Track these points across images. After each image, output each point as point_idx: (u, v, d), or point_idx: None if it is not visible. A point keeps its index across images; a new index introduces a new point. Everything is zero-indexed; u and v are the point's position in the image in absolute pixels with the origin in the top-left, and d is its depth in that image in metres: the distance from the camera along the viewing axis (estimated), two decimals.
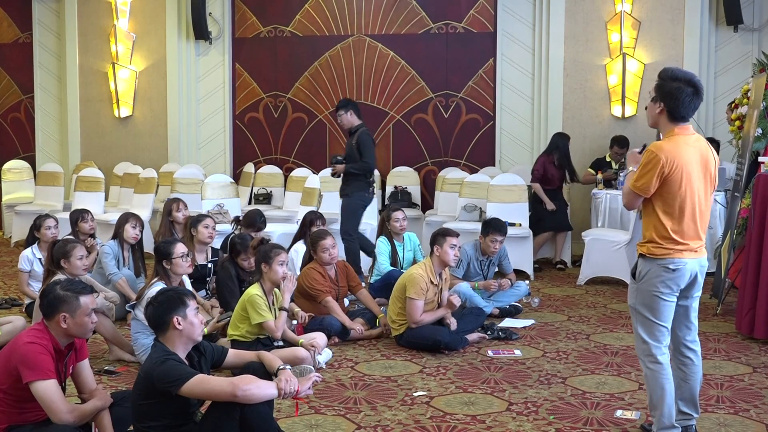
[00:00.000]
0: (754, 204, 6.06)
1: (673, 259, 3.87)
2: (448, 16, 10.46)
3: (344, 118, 7.96)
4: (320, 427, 4.41)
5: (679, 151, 3.83)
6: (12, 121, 12.14)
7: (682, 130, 3.90)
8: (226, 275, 6.31)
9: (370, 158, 7.83)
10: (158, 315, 3.62)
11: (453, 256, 6.03)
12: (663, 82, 3.89)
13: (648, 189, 3.84)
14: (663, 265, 3.88)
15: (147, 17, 11.09)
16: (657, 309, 3.92)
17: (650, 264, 3.91)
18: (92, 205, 8.82)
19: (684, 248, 3.88)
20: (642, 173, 3.85)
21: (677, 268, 3.87)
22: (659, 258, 3.88)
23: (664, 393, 3.93)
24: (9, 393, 3.62)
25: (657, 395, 3.95)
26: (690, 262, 3.90)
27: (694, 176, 3.86)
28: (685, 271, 3.89)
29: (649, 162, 3.82)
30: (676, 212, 3.86)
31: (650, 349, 3.95)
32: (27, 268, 6.65)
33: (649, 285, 3.92)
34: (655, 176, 3.80)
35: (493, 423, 4.45)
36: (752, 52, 9.35)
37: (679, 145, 3.85)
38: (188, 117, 11.12)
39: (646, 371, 3.99)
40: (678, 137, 3.88)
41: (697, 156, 3.89)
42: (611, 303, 7.39)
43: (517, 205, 8.66)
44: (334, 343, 5.98)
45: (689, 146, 3.88)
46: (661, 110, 3.90)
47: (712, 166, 3.95)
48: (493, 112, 10.37)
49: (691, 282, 3.96)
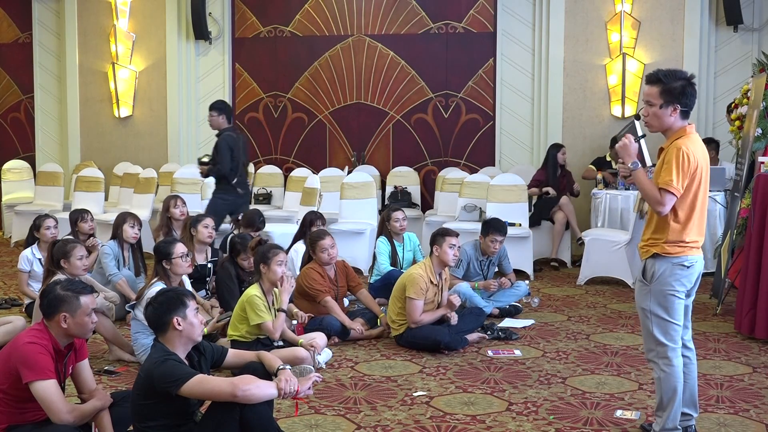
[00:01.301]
0: (754, 204, 6.06)
1: (687, 256, 3.88)
2: (448, 16, 10.46)
3: (214, 120, 8.15)
4: (320, 427, 4.41)
5: (698, 149, 3.88)
6: (12, 121, 12.14)
7: (691, 128, 3.91)
8: (226, 275, 6.31)
9: (223, 163, 8.00)
10: (158, 315, 3.62)
11: (452, 256, 6.02)
12: (668, 85, 3.85)
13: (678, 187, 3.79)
14: (679, 263, 3.87)
15: (147, 17, 11.09)
16: (672, 308, 3.90)
17: (665, 263, 3.88)
18: (92, 205, 8.83)
19: (695, 245, 3.91)
20: (668, 170, 3.80)
21: (692, 265, 3.89)
22: (674, 256, 3.87)
23: (675, 395, 3.92)
24: (9, 393, 3.62)
25: (668, 397, 3.93)
26: (700, 260, 3.94)
27: (705, 174, 3.91)
28: (697, 267, 3.93)
29: (680, 160, 3.79)
30: (694, 210, 3.88)
31: (666, 351, 3.92)
32: (27, 268, 6.65)
33: (663, 285, 3.89)
34: (687, 175, 3.80)
35: (493, 423, 4.45)
36: (752, 52, 9.35)
37: (697, 143, 3.89)
38: (188, 117, 11.12)
39: (659, 373, 3.96)
40: (693, 135, 3.89)
41: (704, 154, 3.94)
42: (611, 303, 7.39)
43: (517, 205, 8.66)
44: (334, 343, 5.98)
45: (701, 144, 3.93)
46: (674, 111, 3.86)
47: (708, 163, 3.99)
48: (493, 112, 10.37)
49: (696, 280, 3.99)
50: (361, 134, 10.82)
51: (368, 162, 10.71)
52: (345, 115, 10.85)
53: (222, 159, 7.99)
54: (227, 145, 8.03)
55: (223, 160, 8.00)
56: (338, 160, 10.86)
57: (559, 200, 8.98)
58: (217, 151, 8.02)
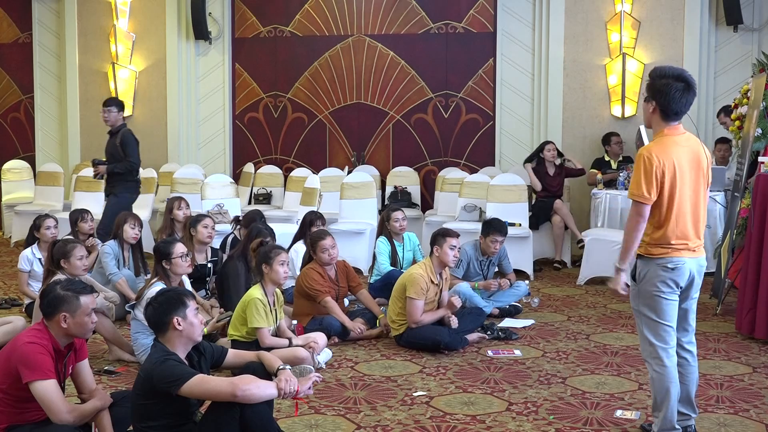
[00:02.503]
0: (754, 204, 6.06)
1: (671, 257, 3.87)
2: (448, 16, 10.46)
3: (113, 116, 8.21)
4: (320, 427, 4.41)
5: (668, 151, 3.83)
6: (12, 121, 12.14)
7: (671, 130, 3.89)
8: (234, 272, 6.22)
9: (135, 157, 8.09)
10: (158, 315, 3.63)
11: (452, 256, 6.03)
12: (652, 81, 3.89)
13: (647, 195, 3.80)
14: (662, 265, 3.87)
15: (147, 17, 11.09)
16: (660, 309, 3.91)
17: (649, 264, 3.90)
18: (92, 205, 8.82)
19: (682, 247, 3.88)
20: (636, 180, 3.82)
21: (675, 266, 3.87)
22: (657, 257, 3.88)
23: (669, 395, 3.92)
24: (9, 393, 3.63)
25: (661, 397, 3.95)
26: (688, 261, 3.90)
27: (687, 176, 3.86)
28: (684, 269, 3.89)
29: (641, 167, 3.81)
30: (672, 213, 3.84)
31: (657, 351, 3.94)
32: (27, 268, 6.65)
33: (649, 285, 3.90)
34: (653, 180, 3.79)
35: (493, 423, 4.45)
36: (752, 52, 9.35)
37: (668, 146, 3.85)
38: (188, 117, 11.11)
39: (652, 373, 3.98)
40: (666, 138, 3.88)
41: (688, 155, 3.89)
42: (611, 303, 7.39)
43: (517, 205, 8.66)
44: (333, 343, 5.98)
45: (679, 146, 3.87)
46: (653, 109, 3.89)
47: (704, 164, 3.94)
48: (492, 112, 10.37)
49: (690, 282, 3.95)
50: (361, 134, 10.82)
51: (368, 162, 10.71)
52: (345, 115, 10.85)
53: (133, 152, 8.06)
54: (134, 139, 8.13)
55: (134, 153, 8.08)
56: (338, 160, 10.86)
57: (554, 204, 8.98)
58: (127, 146, 8.04)
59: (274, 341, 5.25)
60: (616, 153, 9.35)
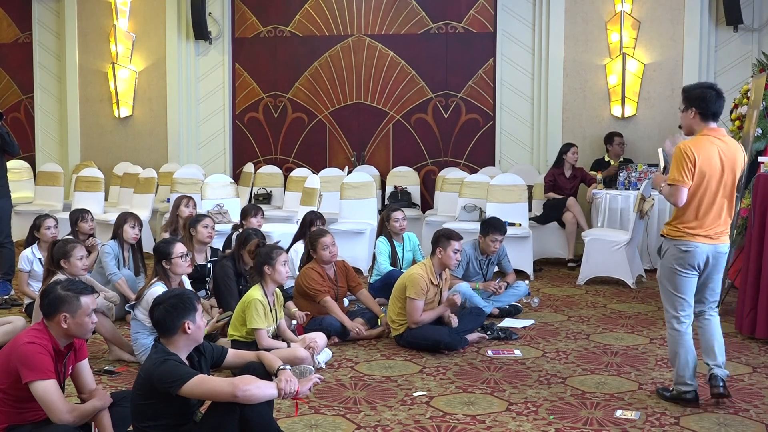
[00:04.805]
0: (754, 204, 6.06)
1: (685, 241, 4.48)
2: (448, 16, 10.46)
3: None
4: (320, 427, 4.41)
5: (703, 147, 4.42)
6: (12, 121, 12.11)
7: (710, 131, 4.48)
8: (224, 273, 6.27)
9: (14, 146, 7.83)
10: (170, 319, 3.61)
11: (455, 260, 6.04)
12: (688, 93, 4.53)
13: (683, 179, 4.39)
14: (677, 246, 4.50)
15: (147, 17, 11.09)
16: (676, 282, 4.55)
17: (668, 243, 4.56)
18: (92, 205, 8.82)
19: (698, 233, 4.46)
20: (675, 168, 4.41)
21: (688, 249, 4.47)
22: (674, 239, 4.52)
23: (677, 357, 4.58)
24: (8, 393, 3.62)
25: (672, 356, 4.65)
26: (702, 246, 4.46)
27: (716, 170, 4.41)
28: (696, 253, 4.46)
29: (679, 157, 4.41)
30: (693, 200, 4.42)
31: (671, 318, 4.61)
32: (27, 268, 6.65)
33: (668, 261, 4.56)
34: (686, 169, 4.38)
35: (493, 423, 4.45)
36: (752, 52, 9.35)
37: (703, 143, 4.43)
38: (188, 117, 11.11)
39: (667, 333, 4.68)
40: (704, 137, 4.46)
41: (723, 154, 4.42)
42: (611, 303, 7.39)
43: (517, 205, 8.65)
44: (333, 343, 5.98)
45: (714, 145, 4.44)
46: (694, 114, 4.50)
47: (738, 165, 4.48)
48: (492, 112, 10.37)
49: (706, 264, 4.50)
50: (361, 134, 10.82)
51: (368, 162, 10.71)
52: (345, 115, 10.85)
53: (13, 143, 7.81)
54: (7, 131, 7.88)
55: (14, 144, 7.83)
56: (338, 160, 10.86)
57: (567, 202, 8.99)
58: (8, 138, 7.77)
59: (272, 343, 5.24)
60: (617, 153, 9.35)
